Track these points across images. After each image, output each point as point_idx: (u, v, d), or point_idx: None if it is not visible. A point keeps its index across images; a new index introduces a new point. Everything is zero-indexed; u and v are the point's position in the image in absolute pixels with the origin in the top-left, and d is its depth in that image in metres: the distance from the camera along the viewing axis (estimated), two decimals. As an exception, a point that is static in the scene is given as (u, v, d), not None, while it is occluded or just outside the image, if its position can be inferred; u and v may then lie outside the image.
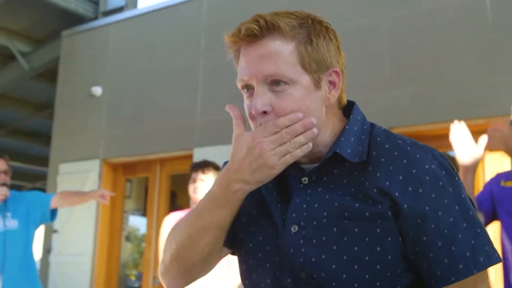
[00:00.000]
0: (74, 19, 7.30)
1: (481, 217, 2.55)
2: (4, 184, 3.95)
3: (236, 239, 1.32)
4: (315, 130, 1.16)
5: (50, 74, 7.81)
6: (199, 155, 5.40)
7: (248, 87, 1.22)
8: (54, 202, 4.08)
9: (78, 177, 6.65)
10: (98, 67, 6.93)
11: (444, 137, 4.80)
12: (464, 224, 1.15)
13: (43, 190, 8.01)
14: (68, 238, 6.52)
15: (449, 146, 2.50)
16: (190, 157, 5.76)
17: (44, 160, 7.81)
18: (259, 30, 1.18)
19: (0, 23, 7.44)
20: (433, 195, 1.15)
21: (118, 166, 6.69)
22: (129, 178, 7.18)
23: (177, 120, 6.08)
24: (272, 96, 1.18)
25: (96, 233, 6.40)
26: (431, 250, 1.14)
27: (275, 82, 1.18)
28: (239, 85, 1.23)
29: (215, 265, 1.35)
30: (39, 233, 4.21)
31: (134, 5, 7.29)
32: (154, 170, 6.43)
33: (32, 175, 11.99)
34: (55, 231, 6.55)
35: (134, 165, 6.64)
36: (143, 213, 7.26)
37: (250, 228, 1.29)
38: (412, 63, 4.73)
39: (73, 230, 6.44)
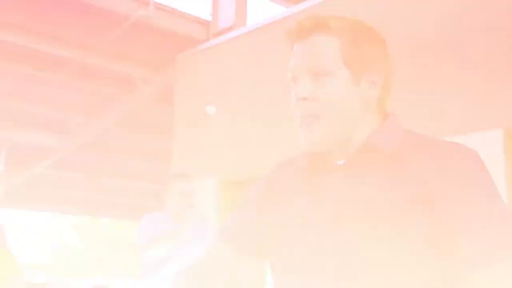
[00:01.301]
0: (187, 42, 7.49)
1: None
2: None
3: (263, 247, 1.40)
4: None
5: (169, 98, 8.06)
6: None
7: (296, 79, 1.33)
8: None
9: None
10: (212, 86, 7.04)
11: None
12: (499, 212, 1.18)
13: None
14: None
15: None
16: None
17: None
18: (309, 27, 1.30)
19: (122, 52, 7.80)
20: (467, 183, 1.20)
21: (234, 184, 6.71)
22: (247, 195, 7.20)
23: (291, 134, 5.99)
24: (313, 85, 1.29)
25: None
26: (467, 235, 1.16)
27: (317, 74, 1.28)
28: (288, 76, 1.35)
29: None
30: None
31: (244, 23, 7.34)
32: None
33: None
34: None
35: (248, 183, 6.61)
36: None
37: (286, 231, 1.34)
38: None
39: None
